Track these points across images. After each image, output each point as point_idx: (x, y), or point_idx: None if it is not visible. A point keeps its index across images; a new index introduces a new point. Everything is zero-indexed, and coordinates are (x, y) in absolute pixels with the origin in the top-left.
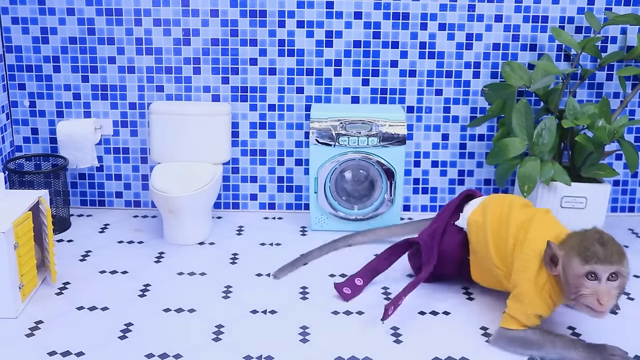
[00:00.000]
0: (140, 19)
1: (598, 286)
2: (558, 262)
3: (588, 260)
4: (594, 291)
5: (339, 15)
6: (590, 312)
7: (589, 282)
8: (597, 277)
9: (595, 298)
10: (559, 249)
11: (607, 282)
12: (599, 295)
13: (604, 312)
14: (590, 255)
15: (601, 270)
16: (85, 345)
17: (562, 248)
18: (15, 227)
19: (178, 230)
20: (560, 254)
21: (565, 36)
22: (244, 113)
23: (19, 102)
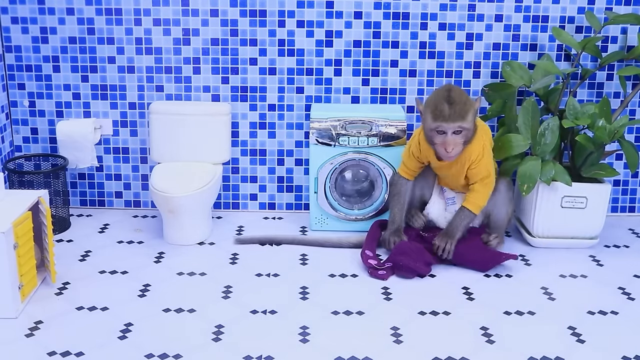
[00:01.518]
0: (140, 19)
1: (445, 138)
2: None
3: (436, 118)
4: (442, 142)
5: (339, 15)
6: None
7: (438, 135)
8: (443, 132)
9: (443, 147)
10: (421, 104)
11: (452, 135)
12: (445, 145)
13: (451, 156)
14: (437, 113)
15: (445, 127)
16: (85, 346)
17: (425, 103)
18: (15, 227)
19: (178, 230)
20: (421, 109)
21: (565, 36)
22: (244, 113)
23: (18, 102)
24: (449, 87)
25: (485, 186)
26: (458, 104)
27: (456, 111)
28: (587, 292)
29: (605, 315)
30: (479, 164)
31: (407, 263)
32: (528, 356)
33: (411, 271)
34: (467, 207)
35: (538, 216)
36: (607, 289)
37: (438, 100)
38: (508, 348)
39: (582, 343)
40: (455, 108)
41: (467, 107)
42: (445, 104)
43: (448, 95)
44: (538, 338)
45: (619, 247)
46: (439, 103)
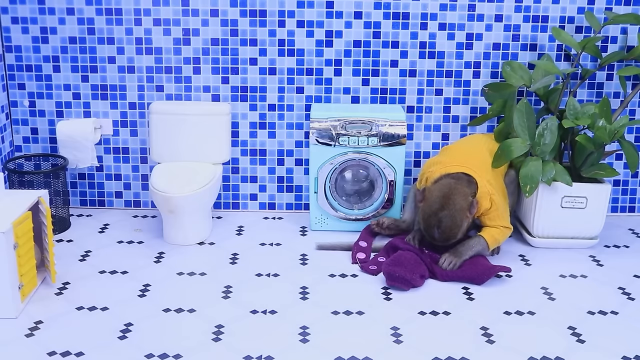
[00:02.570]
0: (140, 19)
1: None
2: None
3: (425, 235)
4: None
5: (339, 15)
6: None
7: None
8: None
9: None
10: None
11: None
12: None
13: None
14: (425, 233)
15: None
16: (84, 346)
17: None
18: (14, 227)
19: (178, 230)
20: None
21: (565, 36)
22: (244, 113)
23: (18, 102)
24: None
25: (503, 230)
26: (447, 232)
27: (444, 238)
28: (587, 292)
29: (605, 315)
30: (491, 213)
31: (403, 274)
32: (528, 356)
33: (406, 283)
34: (484, 237)
35: (538, 216)
36: (607, 289)
37: (429, 224)
38: (508, 348)
39: (582, 343)
40: (443, 236)
41: (455, 232)
42: (435, 230)
43: (439, 224)
44: (538, 338)
45: (619, 247)
46: (429, 227)
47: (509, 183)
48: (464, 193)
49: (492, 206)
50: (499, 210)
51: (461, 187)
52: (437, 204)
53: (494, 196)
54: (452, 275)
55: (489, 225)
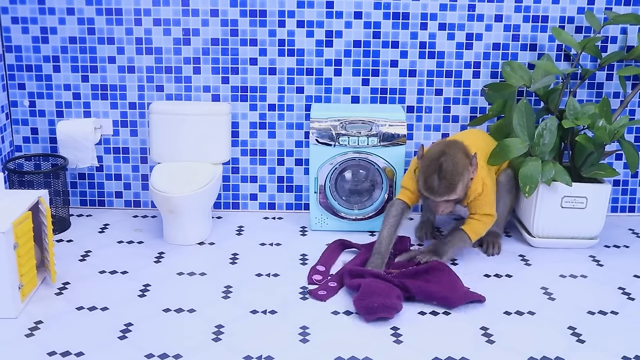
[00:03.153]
0: (140, 19)
1: (435, 204)
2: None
3: (423, 189)
4: (433, 205)
5: (339, 15)
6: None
7: (428, 199)
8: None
9: (434, 208)
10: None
11: (442, 203)
12: (435, 208)
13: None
14: (424, 186)
15: (432, 198)
16: (84, 346)
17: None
18: (14, 227)
19: (178, 230)
20: (418, 162)
21: (565, 36)
22: (244, 113)
23: (18, 101)
24: (441, 157)
25: (487, 220)
26: (447, 178)
27: (444, 186)
28: (587, 292)
29: (605, 315)
30: (480, 199)
31: (383, 302)
32: (528, 356)
33: (389, 310)
34: (465, 230)
35: (538, 216)
36: (607, 289)
37: (429, 172)
38: (508, 348)
39: (582, 343)
40: (443, 183)
41: (456, 181)
42: (435, 177)
43: (439, 169)
44: (538, 338)
45: (619, 247)
46: (429, 175)
47: (506, 182)
48: (464, 150)
49: (484, 190)
50: (488, 196)
51: (461, 146)
52: (437, 153)
53: (486, 180)
54: (428, 291)
55: (475, 212)
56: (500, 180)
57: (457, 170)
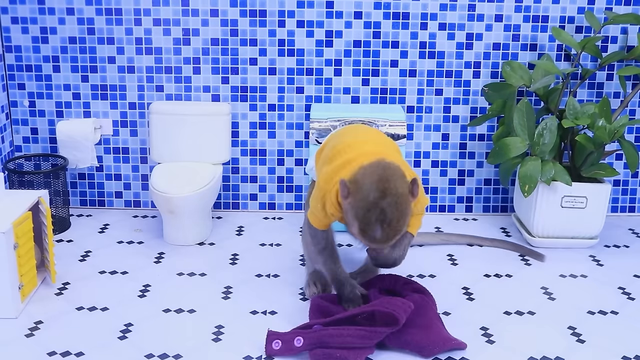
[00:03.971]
0: (140, 19)
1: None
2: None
3: (365, 236)
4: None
5: (339, 15)
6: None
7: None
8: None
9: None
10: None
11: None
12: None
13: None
14: (363, 235)
15: (375, 246)
16: (85, 346)
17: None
18: (15, 227)
19: (178, 230)
20: (345, 202)
21: (565, 36)
22: (244, 113)
23: (18, 102)
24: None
25: (420, 217)
26: (393, 226)
27: (391, 234)
28: (587, 292)
29: (605, 315)
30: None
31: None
32: (528, 356)
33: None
34: (409, 231)
35: (538, 216)
36: (607, 289)
37: (368, 220)
38: (508, 348)
39: (582, 343)
40: (388, 232)
41: (402, 225)
42: (377, 227)
43: (382, 217)
44: (538, 338)
45: (619, 247)
46: (368, 224)
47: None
48: (401, 176)
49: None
50: (421, 193)
51: (397, 170)
52: (374, 191)
53: (418, 178)
54: (401, 340)
55: (415, 213)
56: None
57: (402, 212)
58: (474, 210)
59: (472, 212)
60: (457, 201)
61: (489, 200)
